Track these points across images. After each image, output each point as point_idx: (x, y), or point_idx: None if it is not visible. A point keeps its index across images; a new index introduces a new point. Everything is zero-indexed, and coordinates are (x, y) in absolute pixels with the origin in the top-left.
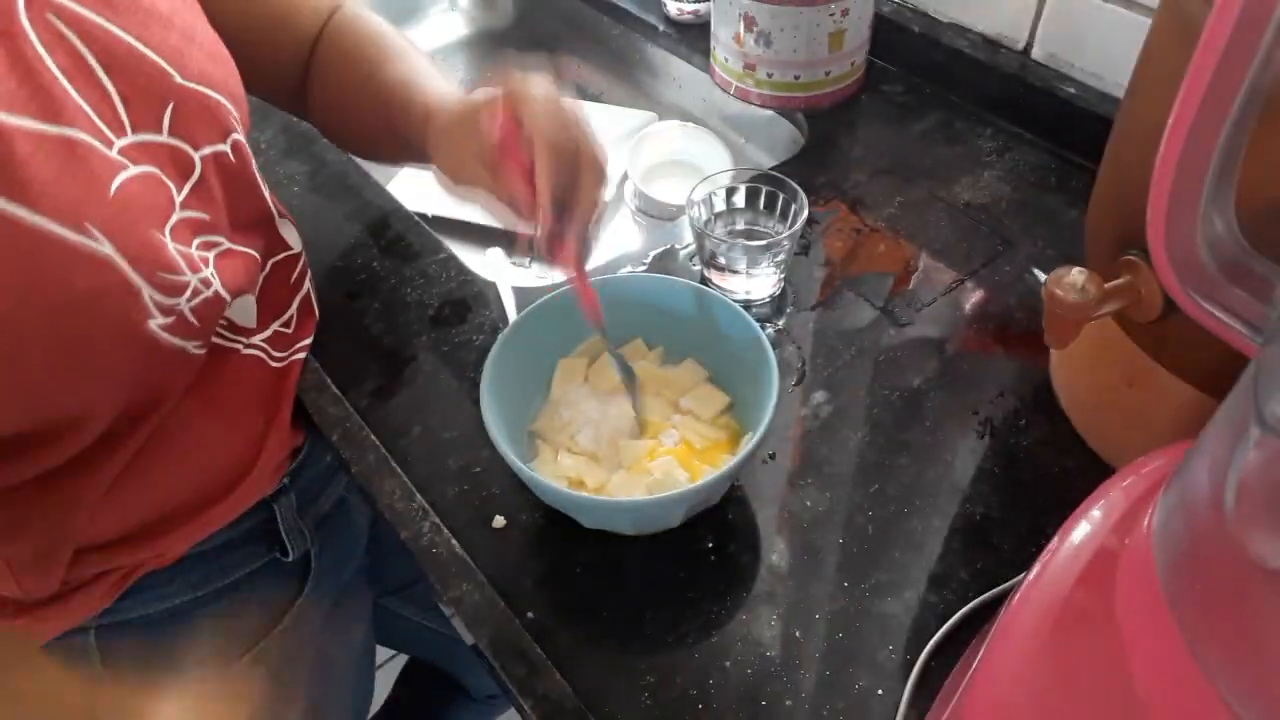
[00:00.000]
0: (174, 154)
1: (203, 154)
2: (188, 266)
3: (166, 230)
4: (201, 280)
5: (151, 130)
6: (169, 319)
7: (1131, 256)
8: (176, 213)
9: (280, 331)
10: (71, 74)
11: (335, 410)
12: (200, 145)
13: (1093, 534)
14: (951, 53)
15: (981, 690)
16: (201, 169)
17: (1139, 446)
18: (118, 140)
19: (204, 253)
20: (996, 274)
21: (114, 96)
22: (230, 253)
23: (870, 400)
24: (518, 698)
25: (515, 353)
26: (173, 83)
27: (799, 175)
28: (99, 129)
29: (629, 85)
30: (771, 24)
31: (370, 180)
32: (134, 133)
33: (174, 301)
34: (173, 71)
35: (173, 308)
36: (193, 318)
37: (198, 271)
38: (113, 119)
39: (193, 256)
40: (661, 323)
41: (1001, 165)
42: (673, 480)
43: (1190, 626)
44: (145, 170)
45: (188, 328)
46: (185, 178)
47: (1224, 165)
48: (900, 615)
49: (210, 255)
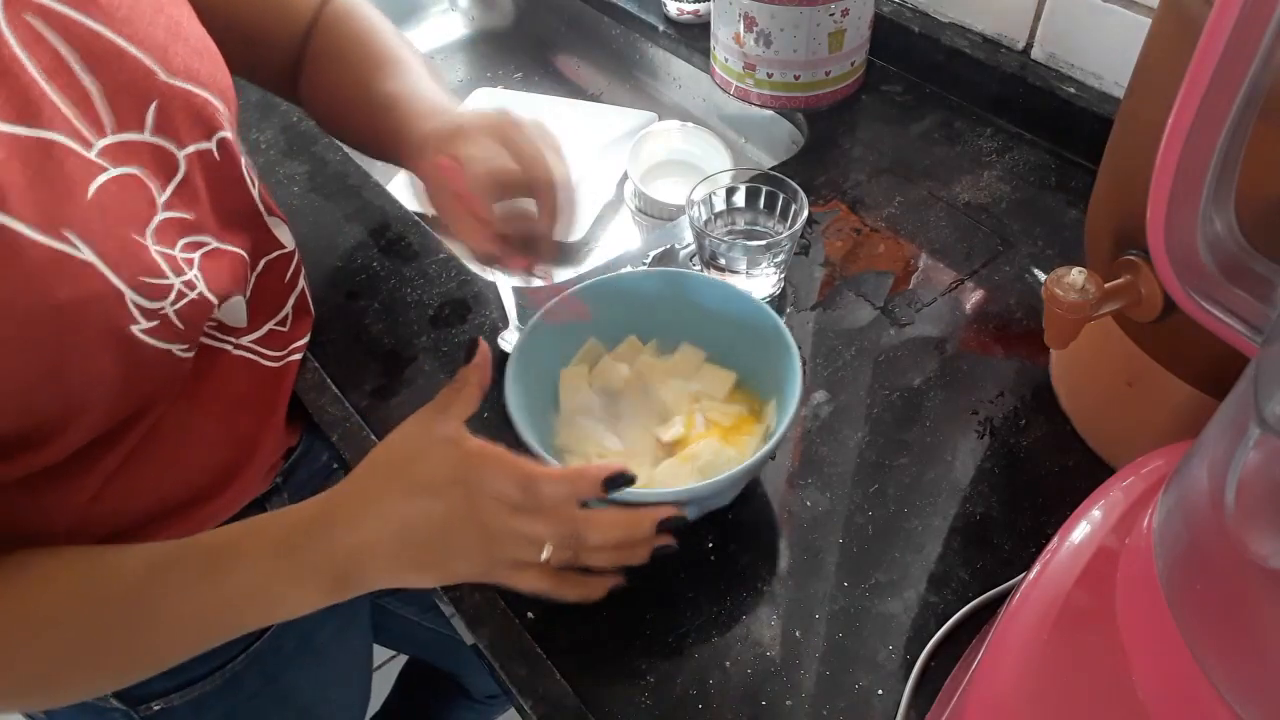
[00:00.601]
0: (156, 153)
1: (187, 152)
2: (170, 269)
3: (148, 233)
4: (185, 283)
5: (133, 130)
6: (153, 323)
7: (1131, 256)
8: (159, 214)
9: (275, 330)
10: (51, 74)
11: (335, 410)
12: (185, 143)
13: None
14: (951, 53)
15: (981, 690)
16: (186, 168)
17: (1139, 446)
18: (97, 141)
19: (188, 254)
20: (996, 274)
21: (94, 96)
22: (217, 252)
23: (870, 400)
24: (518, 698)
25: (523, 379)
26: (156, 80)
27: (799, 175)
28: (77, 130)
29: (629, 85)
30: (771, 24)
31: (370, 180)
32: (115, 133)
33: (157, 305)
34: (157, 68)
35: (156, 311)
36: (177, 321)
37: (181, 274)
38: (93, 119)
39: (176, 259)
40: (650, 317)
41: (1001, 165)
42: (724, 458)
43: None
44: (125, 171)
45: (172, 331)
46: (168, 178)
47: (1224, 165)
48: (900, 615)
49: (195, 256)
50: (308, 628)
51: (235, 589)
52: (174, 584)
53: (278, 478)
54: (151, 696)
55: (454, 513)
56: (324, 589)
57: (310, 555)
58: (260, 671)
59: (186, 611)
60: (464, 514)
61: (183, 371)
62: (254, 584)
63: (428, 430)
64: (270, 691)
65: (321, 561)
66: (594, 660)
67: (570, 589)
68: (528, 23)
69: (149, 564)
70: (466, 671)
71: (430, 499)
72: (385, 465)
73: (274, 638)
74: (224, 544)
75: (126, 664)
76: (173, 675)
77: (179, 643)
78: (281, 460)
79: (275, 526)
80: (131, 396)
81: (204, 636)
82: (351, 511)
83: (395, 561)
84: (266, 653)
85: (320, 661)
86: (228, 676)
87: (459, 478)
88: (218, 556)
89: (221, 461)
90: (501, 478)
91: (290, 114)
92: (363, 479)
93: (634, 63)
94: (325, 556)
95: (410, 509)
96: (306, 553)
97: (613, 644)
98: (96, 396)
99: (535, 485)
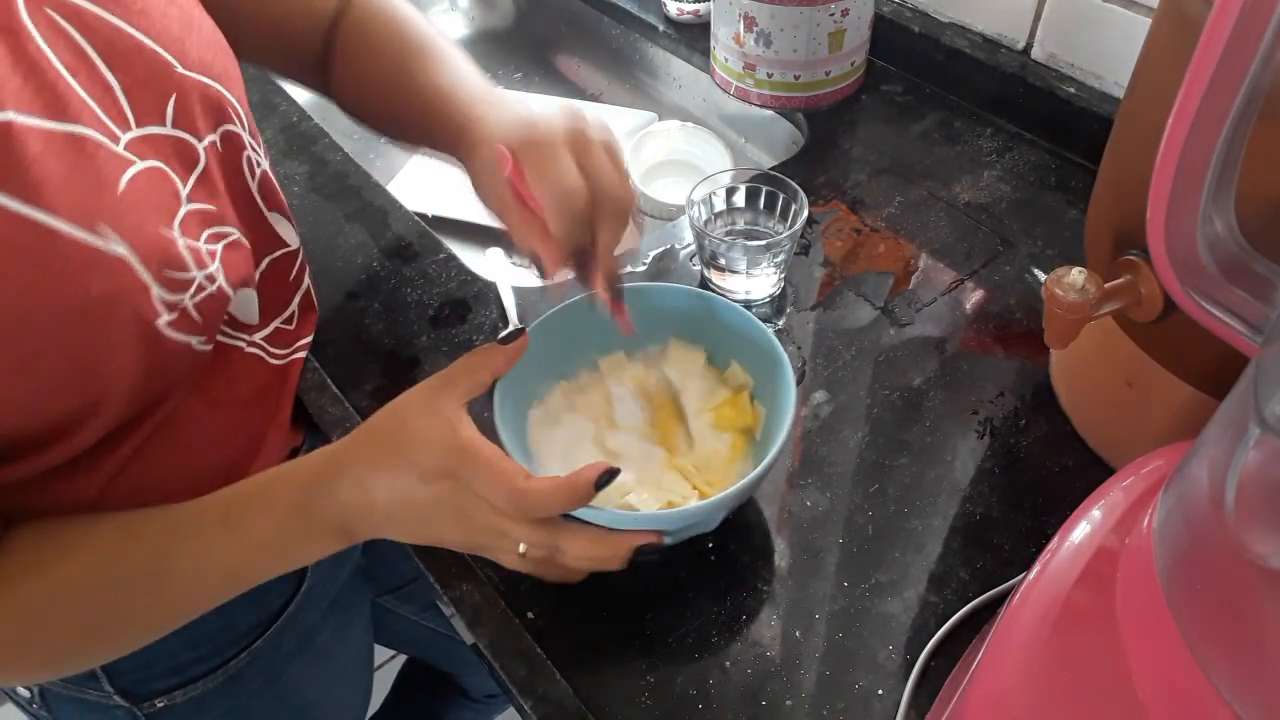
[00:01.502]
0: (178, 146)
1: (205, 144)
2: (194, 262)
3: (175, 225)
4: (206, 276)
5: (156, 123)
6: (173, 315)
7: (1131, 256)
8: (184, 205)
9: (282, 328)
10: (74, 69)
11: (335, 410)
12: (202, 135)
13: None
14: (951, 53)
15: (981, 690)
16: (205, 159)
17: (1139, 446)
18: (123, 135)
19: (212, 245)
20: (996, 274)
21: (117, 90)
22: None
23: (870, 400)
24: (518, 698)
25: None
26: (174, 73)
27: (799, 175)
28: (104, 124)
29: (629, 85)
30: (771, 24)
31: (370, 180)
32: (139, 126)
33: (178, 298)
34: (174, 61)
35: (177, 304)
36: (196, 314)
37: (204, 267)
38: (117, 113)
39: (200, 251)
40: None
41: (1001, 165)
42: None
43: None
44: (152, 165)
45: (191, 324)
46: (190, 169)
47: (1224, 165)
48: (900, 615)
49: (219, 248)
50: (309, 626)
51: (250, 545)
52: (191, 546)
53: None
54: (154, 694)
55: (440, 502)
56: (331, 539)
57: (318, 510)
58: (261, 669)
59: (205, 571)
60: (449, 505)
61: (201, 365)
62: (268, 539)
63: (429, 405)
64: (271, 690)
65: (327, 516)
66: (594, 660)
67: (551, 572)
68: (528, 23)
69: (167, 528)
70: (465, 672)
71: (419, 484)
72: (388, 435)
73: (275, 636)
74: (236, 504)
75: (146, 626)
76: (175, 673)
77: (198, 601)
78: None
79: (283, 484)
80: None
81: (221, 593)
82: (354, 472)
83: (387, 522)
84: (267, 651)
85: (321, 660)
86: (229, 674)
87: (448, 470)
88: (231, 517)
89: (228, 459)
90: (491, 487)
91: (290, 114)
92: (365, 444)
93: (634, 63)
94: (330, 511)
95: (402, 486)
96: (314, 507)
97: (613, 644)
98: (117, 392)
99: (523, 501)
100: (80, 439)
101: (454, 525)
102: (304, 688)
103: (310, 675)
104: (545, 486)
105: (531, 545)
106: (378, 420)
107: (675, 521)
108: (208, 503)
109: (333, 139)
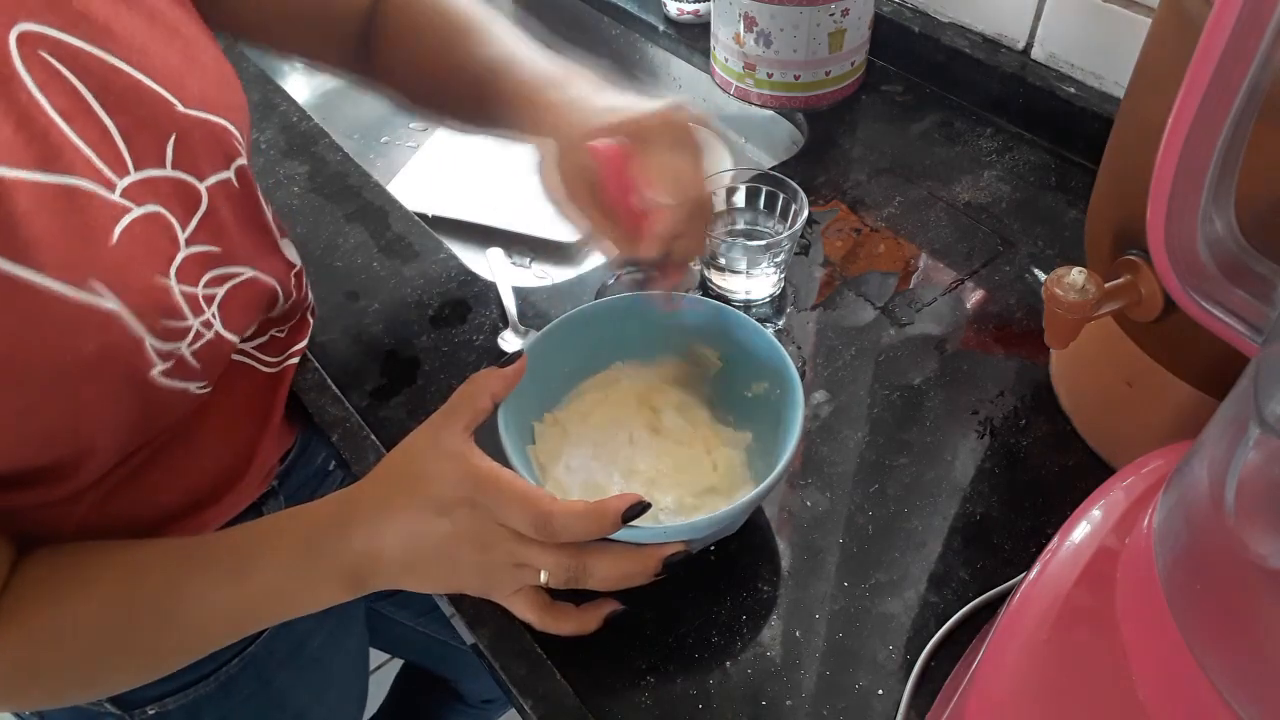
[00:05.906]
0: (178, 187)
1: (209, 184)
2: (190, 310)
3: (171, 272)
4: (203, 323)
5: (154, 165)
6: (168, 364)
7: (1131, 256)
8: (182, 250)
9: (275, 337)
10: (69, 114)
11: (335, 410)
12: (205, 175)
13: (1093, 534)
14: (951, 53)
15: (981, 690)
16: (209, 200)
17: (1139, 446)
18: (120, 180)
19: (211, 290)
20: (996, 274)
21: (114, 134)
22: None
23: (870, 400)
24: (518, 698)
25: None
26: (175, 112)
27: (799, 175)
28: (99, 171)
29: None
30: (771, 24)
31: (370, 180)
32: (137, 170)
33: (173, 347)
34: (174, 100)
35: (172, 352)
36: (193, 360)
37: (200, 314)
38: (114, 158)
39: (197, 297)
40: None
41: (1001, 165)
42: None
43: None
44: (149, 210)
45: (188, 371)
46: (191, 211)
47: (1224, 165)
48: (900, 615)
49: (220, 291)
50: (302, 632)
51: (258, 589)
52: (201, 587)
53: (274, 480)
54: (146, 701)
55: (459, 533)
56: (341, 588)
57: (328, 557)
58: (255, 675)
59: (212, 612)
60: (468, 535)
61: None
62: (276, 584)
63: (435, 443)
64: (264, 696)
65: (338, 563)
66: (594, 660)
67: (565, 622)
68: (527, 23)
69: (178, 564)
70: (462, 676)
71: (437, 517)
72: (399, 476)
73: (268, 642)
74: (247, 546)
75: (153, 663)
76: (167, 680)
77: (203, 640)
78: (278, 463)
79: (294, 528)
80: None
81: (226, 633)
82: (366, 517)
83: (401, 569)
84: (261, 657)
85: (315, 666)
86: (222, 680)
87: (465, 498)
88: (242, 559)
89: (221, 469)
90: (516, 512)
91: (290, 114)
92: (377, 487)
93: (634, 63)
94: (341, 558)
95: (418, 524)
96: (324, 555)
97: (613, 644)
98: (110, 440)
99: (550, 523)
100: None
101: (472, 556)
102: (297, 694)
103: (303, 682)
104: (574, 510)
105: (556, 569)
106: (387, 465)
107: (703, 529)
108: (218, 543)
109: (333, 139)
